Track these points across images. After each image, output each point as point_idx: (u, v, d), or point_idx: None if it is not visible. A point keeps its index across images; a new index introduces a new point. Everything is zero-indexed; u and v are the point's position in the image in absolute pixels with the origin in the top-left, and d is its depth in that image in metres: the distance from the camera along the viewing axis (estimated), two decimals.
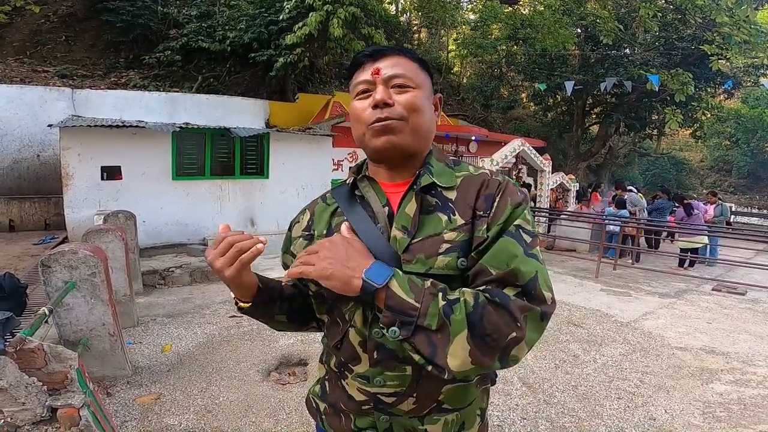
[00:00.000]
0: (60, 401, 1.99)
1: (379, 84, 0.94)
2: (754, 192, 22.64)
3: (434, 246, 0.87)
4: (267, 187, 8.18)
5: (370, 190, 1.00)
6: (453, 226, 0.88)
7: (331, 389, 1.03)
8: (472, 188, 0.93)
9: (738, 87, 15.61)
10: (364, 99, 0.96)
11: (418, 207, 0.91)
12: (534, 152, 9.92)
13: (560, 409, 3.16)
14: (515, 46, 16.68)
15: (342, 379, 0.98)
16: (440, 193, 0.93)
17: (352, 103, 0.99)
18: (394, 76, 0.94)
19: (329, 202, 1.06)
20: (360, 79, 0.97)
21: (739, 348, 4.39)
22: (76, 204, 6.52)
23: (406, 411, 0.92)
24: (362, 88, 0.96)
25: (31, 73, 10.44)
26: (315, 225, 1.04)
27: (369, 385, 0.92)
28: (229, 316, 4.84)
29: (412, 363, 0.86)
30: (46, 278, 2.97)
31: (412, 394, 0.91)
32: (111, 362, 3.32)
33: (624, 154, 21.48)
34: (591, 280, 6.96)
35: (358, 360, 0.93)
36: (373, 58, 0.97)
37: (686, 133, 19.96)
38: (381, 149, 0.94)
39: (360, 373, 0.93)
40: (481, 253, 0.85)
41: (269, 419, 2.94)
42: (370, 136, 0.94)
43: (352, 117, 0.99)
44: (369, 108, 0.94)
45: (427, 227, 0.89)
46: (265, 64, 10.98)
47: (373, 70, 0.95)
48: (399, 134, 0.92)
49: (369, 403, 0.94)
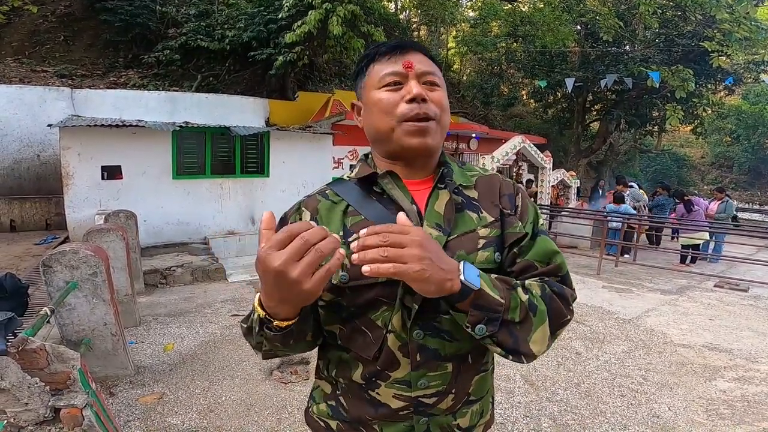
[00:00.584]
0: (63, 401, 1.98)
1: (412, 78, 0.91)
2: (756, 188, 22.59)
3: (472, 242, 0.90)
4: (267, 185, 8.18)
5: (394, 188, 0.95)
6: (484, 222, 0.93)
7: (350, 404, 0.95)
8: (491, 188, 0.99)
9: (739, 83, 15.56)
10: (394, 91, 0.91)
11: (452, 205, 0.93)
12: (534, 149, 9.91)
13: (563, 407, 3.16)
14: (515, 44, 16.65)
15: (371, 390, 0.91)
16: (462, 191, 0.96)
17: (376, 94, 0.93)
18: (426, 72, 0.93)
19: (334, 199, 0.96)
20: (389, 70, 0.92)
21: (742, 345, 4.38)
22: (76, 204, 6.51)
23: (445, 409, 0.92)
24: (392, 80, 0.92)
25: (30, 73, 10.42)
26: (322, 225, 0.91)
27: (410, 390, 0.89)
28: (230, 315, 4.83)
29: (453, 360, 0.90)
30: (48, 278, 2.96)
31: (451, 391, 0.92)
32: (113, 362, 3.31)
33: (625, 151, 21.43)
34: (593, 277, 6.95)
35: (396, 365, 0.88)
36: (401, 50, 0.94)
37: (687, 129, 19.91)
38: (415, 149, 0.91)
39: (399, 379, 0.89)
40: (523, 249, 0.93)
41: (272, 418, 2.93)
42: (404, 132, 0.90)
43: (376, 108, 0.93)
44: (402, 102, 0.90)
45: (461, 224, 0.92)
46: (264, 63, 10.96)
47: (404, 62, 0.92)
48: (433, 136, 0.91)
49: (408, 408, 0.90)
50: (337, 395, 0.97)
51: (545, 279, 0.91)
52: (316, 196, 0.98)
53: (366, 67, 0.97)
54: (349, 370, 0.92)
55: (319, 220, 0.93)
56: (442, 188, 0.95)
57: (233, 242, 7.54)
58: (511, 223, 0.95)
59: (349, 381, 0.93)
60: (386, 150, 0.96)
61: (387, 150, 0.96)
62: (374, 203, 0.93)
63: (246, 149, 7.95)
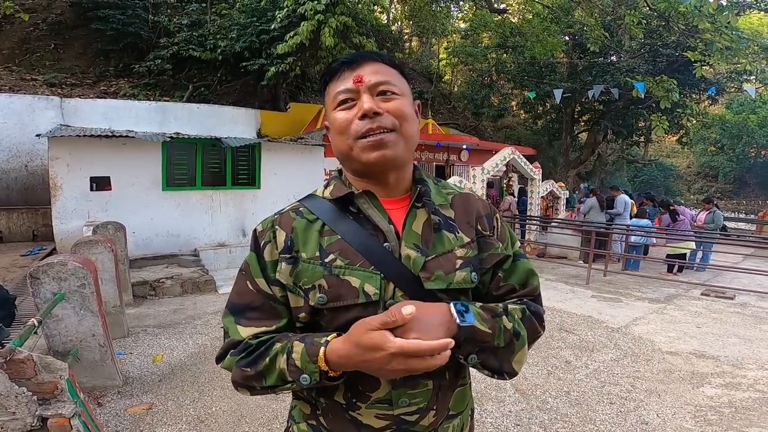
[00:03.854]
0: (50, 411, 1.97)
1: (363, 92, 0.88)
2: (741, 197, 22.98)
3: (450, 263, 0.90)
4: (258, 197, 8.16)
5: (371, 207, 0.92)
6: (461, 243, 0.93)
7: (332, 424, 0.93)
8: (467, 207, 1.00)
9: (722, 93, 15.90)
10: (347, 109, 0.90)
11: (429, 225, 0.92)
12: (524, 160, 10.01)
13: (553, 415, 3.18)
14: (505, 54, 16.91)
15: (352, 411, 0.89)
16: (438, 210, 0.95)
17: (333, 114, 0.92)
18: (379, 83, 0.89)
19: (309, 217, 0.93)
20: (340, 88, 0.90)
21: (729, 352, 4.44)
22: (64, 215, 6.45)
23: (427, 425, 0.92)
24: (343, 98, 0.90)
25: (20, 82, 10.37)
26: (299, 245, 0.90)
27: (391, 408, 0.88)
28: (221, 326, 4.79)
29: (433, 377, 0.90)
30: (35, 290, 2.94)
31: (432, 407, 0.91)
32: (101, 372, 3.28)
33: (613, 161, 21.74)
34: (582, 287, 7.01)
35: (377, 385, 0.87)
36: (351, 65, 0.91)
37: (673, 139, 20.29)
38: (374, 164, 0.89)
39: (380, 398, 0.88)
40: (506, 271, 0.98)
41: (262, 429, 2.92)
42: (360, 150, 0.88)
43: (333, 129, 0.92)
44: (355, 119, 0.88)
45: (438, 245, 0.91)
46: (256, 73, 11.02)
47: (354, 77, 0.89)
48: (393, 147, 0.88)
49: (391, 426, 0.90)
50: (317, 415, 0.95)
51: (523, 299, 0.98)
52: (289, 214, 0.95)
53: (324, 88, 0.96)
54: (330, 391, 0.90)
55: (295, 239, 0.91)
56: (419, 207, 0.94)
57: (224, 254, 7.50)
58: (492, 244, 0.97)
59: (331, 401, 0.91)
60: (352, 168, 0.95)
61: (352, 168, 0.94)
62: (350, 222, 0.91)
63: (237, 161, 7.94)
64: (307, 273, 0.87)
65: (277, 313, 0.90)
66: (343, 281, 0.86)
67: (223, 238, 7.80)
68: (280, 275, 0.89)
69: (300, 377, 0.81)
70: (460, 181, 8.39)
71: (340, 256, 0.87)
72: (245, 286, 0.93)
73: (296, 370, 0.81)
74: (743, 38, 9.62)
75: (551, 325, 5.03)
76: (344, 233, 0.89)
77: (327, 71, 0.95)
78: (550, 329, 4.91)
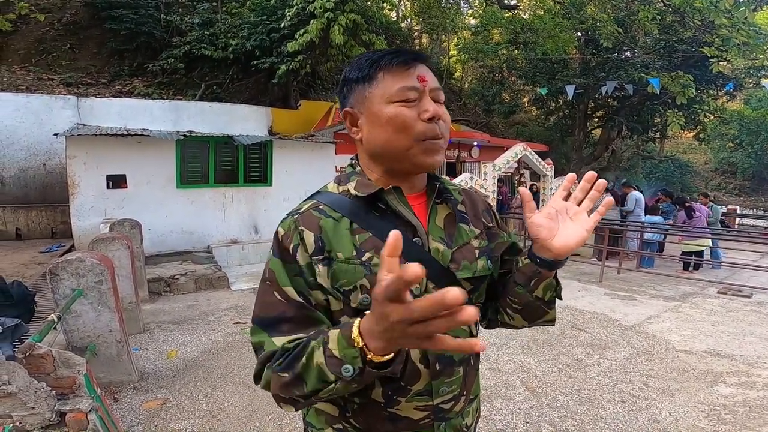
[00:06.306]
0: (68, 405, 2.02)
1: (427, 95, 0.88)
2: (759, 194, 22.52)
3: (471, 253, 0.97)
4: (270, 194, 8.22)
5: (399, 203, 0.92)
6: (474, 234, 1.00)
7: (367, 424, 0.90)
8: (473, 202, 1.07)
9: (740, 89, 15.59)
10: (409, 107, 0.87)
11: (453, 219, 0.98)
12: (536, 157, 9.93)
13: (563, 413, 3.17)
14: (516, 51, 16.76)
15: (391, 407, 0.88)
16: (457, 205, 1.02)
17: (389, 108, 0.87)
18: (436, 88, 0.90)
19: (334, 215, 0.89)
20: (406, 84, 0.87)
21: (745, 351, 4.38)
22: (82, 212, 6.58)
23: (458, 411, 0.96)
24: (408, 95, 0.86)
25: (37, 81, 10.57)
26: (331, 246, 0.86)
27: (431, 399, 0.90)
28: (234, 322, 4.86)
29: (462, 363, 0.95)
30: (54, 286, 3.01)
31: (463, 393, 0.96)
32: (118, 368, 3.35)
33: (627, 158, 21.44)
34: (595, 285, 6.95)
35: (417, 378, 0.88)
36: (414, 62, 0.89)
37: (690, 135, 19.96)
38: (428, 167, 0.91)
39: (419, 390, 0.89)
40: (512, 254, 1.06)
41: (273, 424, 2.96)
42: (421, 151, 0.87)
43: (389, 124, 0.87)
44: (419, 120, 0.86)
45: (458, 237, 0.97)
46: (267, 72, 11.09)
47: (419, 76, 0.88)
48: (443, 154, 0.92)
49: (429, 417, 0.91)
50: (347, 416, 0.91)
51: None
52: (311, 213, 0.89)
53: (374, 75, 0.89)
54: (367, 390, 0.87)
55: (326, 239, 0.86)
56: (440, 203, 0.98)
57: (236, 251, 7.59)
58: (498, 234, 1.07)
59: (368, 400, 0.88)
60: (394, 167, 0.92)
61: (395, 167, 0.92)
62: (378, 219, 0.89)
63: (249, 158, 8.01)
64: (347, 274, 0.84)
65: (312, 321, 0.84)
66: None
67: (236, 234, 7.89)
68: (320, 278, 0.85)
69: (342, 369, 0.70)
70: (471, 178, 8.35)
71: (376, 253, 0.84)
72: (272, 297, 0.85)
73: (336, 361, 0.71)
74: (761, 34, 9.42)
75: (563, 323, 5.01)
76: (374, 230, 0.87)
77: (380, 57, 0.89)
78: (562, 327, 4.89)
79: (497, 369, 3.84)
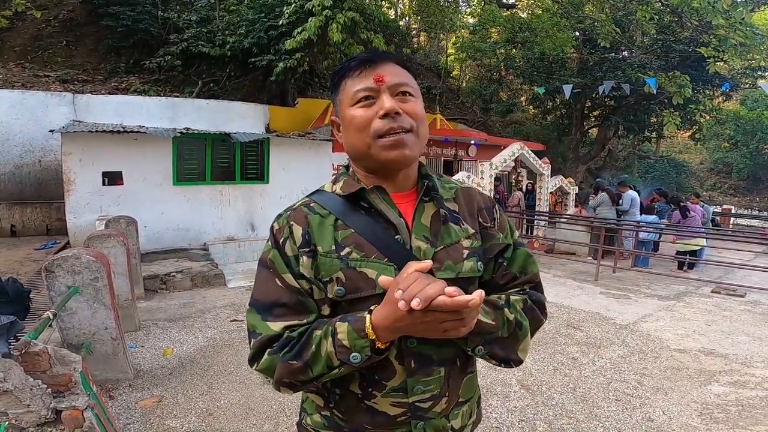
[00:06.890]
0: (64, 403, 2.02)
1: (384, 92, 0.91)
2: (754, 194, 22.65)
3: (457, 253, 0.95)
4: (267, 192, 8.22)
5: (382, 202, 0.95)
6: (466, 234, 0.98)
7: (346, 415, 0.95)
8: (470, 200, 1.05)
9: (736, 89, 15.67)
10: (367, 107, 0.91)
11: (438, 218, 0.97)
12: (533, 156, 9.95)
13: (558, 411, 3.19)
14: (514, 50, 16.78)
15: (368, 400, 0.92)
16: (444, 204, 1.00)
17: (350, 111, 0.93)
18: (398, 84, 0.92)
19: (321, 212, 0.95)
20: (361, 86, 0.92)
21: (738, 350, 4.41)
22: (77, 209, 6.56)
23: (439, 412, 0.95)
24: (364, 95, 0.92)
25: (33, 78, 10.51)
26: (315, 240, 0.92)
27: (406, 396, 0.92)
28: (230, 320, 4.86)
29: (444, 364, 0.94)
30: (50, 283, 3.00)
31: (444, 394, 0.95)
32: (113, 365, 3.35)
33: (624, 157, 21.54)
34: (590, 283, 6.98)
35: (392, 374, 0.91)
36: (371, 63, 0.93)
37: (685, 135, 20.02)
38: (393, 162, 0.92)
39: (395, 387, 0.91)
40: (507, 259, 1.03)
41: (270, 421, 2.96)
42: (380, 148, 0.91)
43: (351, 126, 0.93)
44: (375, 117, 0.90)
45: (445, 236, 0.96)
46: (265, 69, 11.05)
47: (375, 76, 0.91)
48: (410, 147, 0.92)
49: (405, 414, 0.92)
50: (330, 407, 0.96)
51: (525, 289, 1.03)
52: (301, 209, 0.96)
53: (339, 83, 0.97)
54: (346, 381, 0.92)
55: (312, 234, 0.93)
56: (427, 201, 0.98)
57: (233, 248, 7.58)
58: (494, 235, 1.03)
59: (346, 391, 0.93)
60: (366, 165, 0.97)
61: (367, 166, 0.97)
62: (362, 216, 0.94)
63: (246, 156, 8.00)
64: (326, 266, 0.90)
65: (306, 308, 0.91)
66: (359, 273, 0.89)
67: (232, 232, 7.88)
68: (303, 269, 0.91)
69: (350, 357, 0.81)
70: (468, 176, 8.37)
71: (356, 249, 0.90)
72: (271, 282, 0.92)
73: (345, 350, 0.82)
74: (758, 34, 9.47)
75: (558, 322, 5.03)
76: (357, 227, 0.92)
77: (343, 67, 0.96)
78: (557, 326, 4.91)
79: (493, 367, 3.86)
